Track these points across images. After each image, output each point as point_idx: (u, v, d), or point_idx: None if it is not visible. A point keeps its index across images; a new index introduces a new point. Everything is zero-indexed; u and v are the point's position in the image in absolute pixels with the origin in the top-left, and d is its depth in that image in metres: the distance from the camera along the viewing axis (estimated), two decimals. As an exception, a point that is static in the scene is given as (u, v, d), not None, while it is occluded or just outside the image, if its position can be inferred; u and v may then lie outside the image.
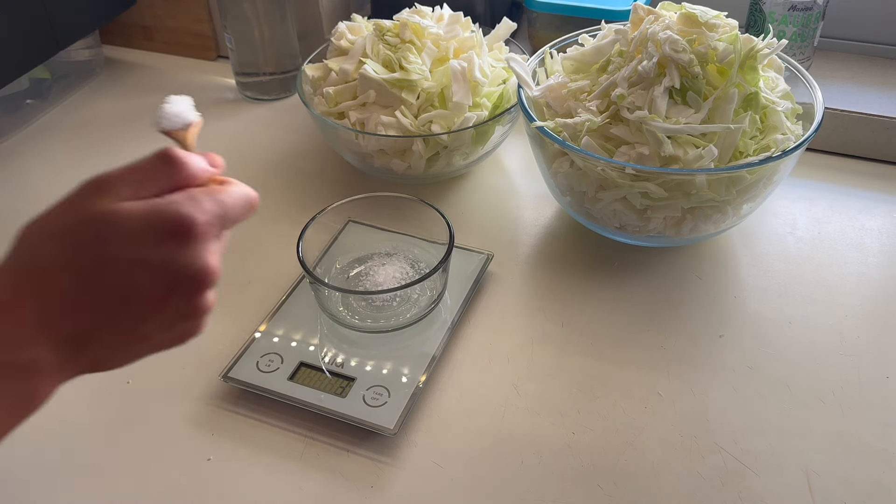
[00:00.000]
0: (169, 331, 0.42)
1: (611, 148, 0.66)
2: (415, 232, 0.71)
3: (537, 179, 0.79)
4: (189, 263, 0.39)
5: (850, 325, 0.66)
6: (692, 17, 0.66)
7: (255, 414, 0.61)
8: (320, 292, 0.66)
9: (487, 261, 0.71)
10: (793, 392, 0.61)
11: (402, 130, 0.75)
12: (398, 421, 0.58)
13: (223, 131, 0.94)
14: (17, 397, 0.39)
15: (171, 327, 0.42)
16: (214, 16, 1.05)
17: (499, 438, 0.59)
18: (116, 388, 0.63)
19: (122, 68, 1.07)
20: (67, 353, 0.39)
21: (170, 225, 0.39)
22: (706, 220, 0.67)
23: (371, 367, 0.62)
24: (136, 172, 0.41)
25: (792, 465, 0.56)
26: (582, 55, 0.72)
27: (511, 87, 0.79)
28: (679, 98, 0.64)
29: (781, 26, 0.84)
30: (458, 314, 0.67)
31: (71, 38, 0.94)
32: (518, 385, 0.62)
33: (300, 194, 0.83)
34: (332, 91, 0.78)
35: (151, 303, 0.40)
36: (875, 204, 0.79)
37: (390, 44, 0.77)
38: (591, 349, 0.65)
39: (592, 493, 0.55)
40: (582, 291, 0.70)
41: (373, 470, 0.57)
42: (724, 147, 0.64)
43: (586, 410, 0.60)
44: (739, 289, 0.70)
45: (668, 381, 0.62)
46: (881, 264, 0.72)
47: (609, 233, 0.73)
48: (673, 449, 0.57)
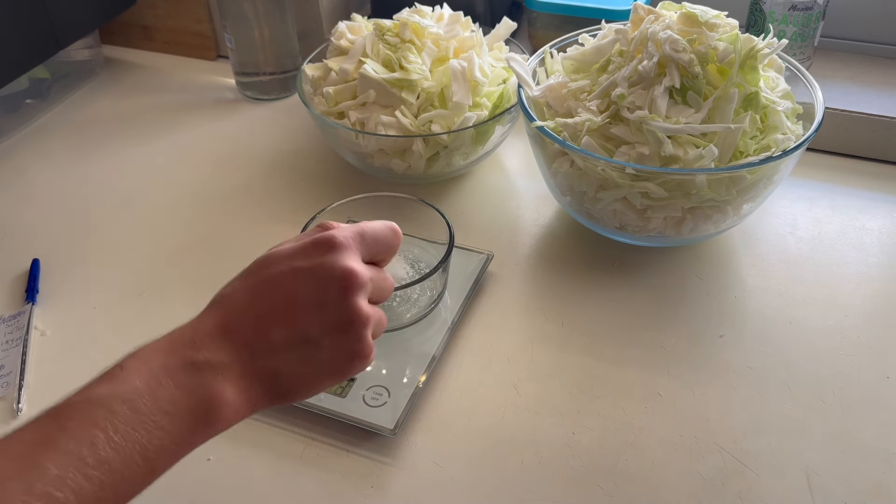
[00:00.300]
0: (335, 337, 0.46)
1: (611, 148, 0.66)
2: (415, 232, 0.71)
3: (537, 179, 0.79)
4: (334, 264, 0.47)
5: (850, 325, 0.66)
6: (692, 17, 0.66)
7: (255, 414, 0.61)
8: (320, 292, 0.66)
9: (487, 261, 0.71)
10: (793, 392, 0.61)
11: (402, 130, 0.75)
12: (398, 421, 0.58)
13: (223, 131, 0.94)
14: (202, 397, 0.43)
15: (336, 333, 0.46)
16: (214, 16, 1.05)
17: (499, 438, 0.59)
18: (116, 387, 0.63)
19: (122, 68, 1.07)
20: (245, 357, 0.45)
21: (316, 240, 0.48)
22: (706, 220, 0.67)
23: (371, 367, 0.62)
24: (297, 236, 0.51)
25: (792, 465, 0.56)
26: (582, 55, 0.72)
27: (511, 87, 0.79)
28: (679, 98, 0.64)
29: (782, 26, 0.84)
30: (458, 314, 0.67)
31: (71, 37, 0.94)
32: (518, 385, 0.62)
33: (300, 194, 0.83)
34: (332, 91, 0.78)
35: (312, 303, 0.46)
36: (875, 204, 0.79)
37: (390, 43, 0.77)
38: (591, 349, 0.65)
39: (592, 493, 0.55)
40: (582, 291, 0.70)
41: (373, 470, 0.57)
42: (725, 147, 0.64)
43: (586, 410, 0.60)
44: (739, 289, 0.70)
45: (668, 381, 0.62)
46: (881, 264, 0.72)
47: (609, 233, 0.73)
48: (673, 449, 0.57)
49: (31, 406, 0.62)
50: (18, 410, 0.62)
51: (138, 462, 0.40)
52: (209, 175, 0.87)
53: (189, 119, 0.96)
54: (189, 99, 1.00)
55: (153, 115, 0.97)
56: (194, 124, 0.95)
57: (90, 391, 0.41)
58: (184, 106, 0.99)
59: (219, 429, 0.44)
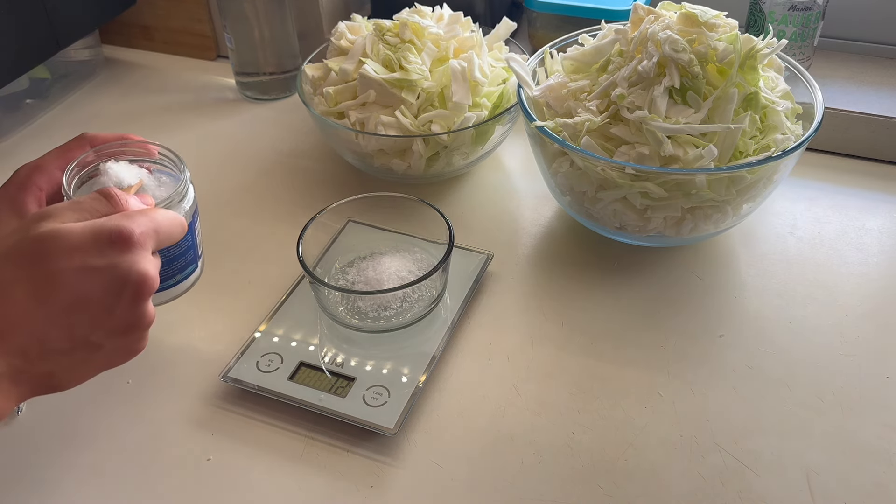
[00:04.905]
0: (118, 339, 0.44)
1: (611, 148, 0.66)
2: (415, 232, 0.71)
3: (537, 179, 0.79)
4: (130, 268, 0.43)
5: (850, 325, 0.66)
6: (692, 17, 0.66)
7: (255, 414, 0.61)
8: (320, 292, 0.66)
9: (487, 261, 0.71)
10: (793, 392, 0.61)
11: (402, 130, 0.75)
12: (398, 421, 0.58)
13: (223, 131, 0.94)
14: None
15: (120, 335, 0.44)
16: (214, 16, 1.05)
17: (499, 438, 0.59)
18: (116, 388, 0.63)
19: (122, 68, 1.07)
20: (20, 364, 0.41)
21: (111, 235, 0.43)
22: (706, 220, 0.67)
23: (371, 367, 0.62)
24: (77, 204, 0.45)
25: (792, 465, 0.56)
26: (582, 55, 0.72)
27: (511, 87, 0.79)
28: (679, 98, 0.64)
29: (781, 26, 0.84)
30: (458, 314, 0.67)
31: (71, 37, 0.94)
32: (518, 385, 0.62)
33: (300, 194, 0.83)
34: (332, 91, 0.78)
35: (100, 308, 0.42)
36: (875, 204, 0.79)
37: (390, 44, 0.77)
38: (591, 349, 0.65)
39: (592, 493, 0.55)
40: (582, 291, 0.70)
41: (373, 470, 0.57)
42: (724, 147, 0.64)
43: (586, 410, 0.60)
44: (739, 289, 0.70)
45: (668, 381, 0.62)
46: (881, 264, 0.72)
47: (609, 233, 0.73)
48: (673, 449, 0.57)
49: (30, 406, 0.62)
50: (18, 410, 0.62)
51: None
52: (209, 175, 0.87)
53: (189, 119, 0.96)
54: (189, 99, 1.00)
55: (153, 115, 0.98)
56: (194, 124, 0.95)
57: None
58: (184, 106, 0.99)
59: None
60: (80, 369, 0.45)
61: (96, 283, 0.42)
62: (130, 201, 0.48)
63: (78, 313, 0.42)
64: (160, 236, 0.47)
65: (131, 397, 0.63)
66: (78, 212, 0.45)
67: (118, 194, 0.47)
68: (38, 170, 0.53)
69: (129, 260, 0.43)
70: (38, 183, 0.52)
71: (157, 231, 0.46)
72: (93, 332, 0.43)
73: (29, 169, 0.53)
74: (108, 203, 0.46)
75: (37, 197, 0.52)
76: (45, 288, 0.42)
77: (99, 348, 0.44)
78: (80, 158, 0.54)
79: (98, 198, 0.46)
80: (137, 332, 0.45)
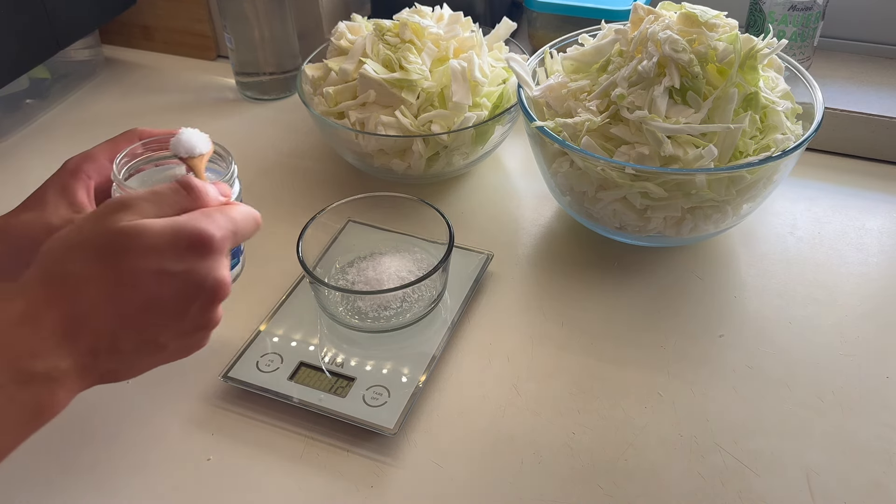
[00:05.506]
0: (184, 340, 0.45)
1: (611, 148, 0.66)
2: (415, 232, 0.71)
3: (537, 179, 0.79)
4: (207, 275, 0.43)
5: (850, 325, 0.66)
6: (692, 17, 0.66)
7: (255, 414, 0.61)
8: (320, 292, 0.66)
9: (487, 261, 0.71)
10: (793, 392, 0.61)
11: (402, 130, 0.75)
12: (398, 421, 0.58)
13: (223, 131, 0.94)
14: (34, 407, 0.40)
15: (186, 337, 0.45)
16: (214, 16, 1.05)
17: (499, 438, 0.59)
18: (116, 387, 0.63)
19: (122, 68, 1.07)
20: (87, 362, 0.41)
21: (190, 238, 0.42)
22: (706, 220, 0.67)
23: (371, 367, 0.62)
24: (157, 195, 0.44)
25: (792, 465, 0.56)
26: (582, 55, 0.72)
27: (511, 87, 0.79)
28: (679, 98, 0.64)
29: (781, 26, 0.84)
30: (458, 314, 0.67)
31: (71, 37, 0.94)
32: (518, 385, 0.62)
33: (300, 194, 0.83)
34: (332, 91, 0.78)
35: (172, 312, 0.42)
36: (875, 204, 0.79)
37: (390, 44, 0.77)
38: (591, 349, 0.65)
39: (592, 493, 0.55)
40: (582, 291, 0.70)
41: (373, 470, 0.57)
42: (724, 147, 0.64)
43: (586, 410, 0.60)
44: (739, 289, 0.70)
45: (668, 381, 0.62)
46: (881, 264, 0.72)
47: (609, 233, 0.73)
48: (673, 449, 0.57)
49: (31, 406, 0.62)
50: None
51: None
52: (209, 175, 0.87)
53: (189, 119, 0.96)
54: (189, 99, 1.00)
55: (153, 115, 0.97)
56: (194, 124, 0.93)
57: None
58: (184, 106, 0.99)
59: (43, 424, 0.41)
60: (141, 365, 0.45)
61: (172, 287, 0.42)
62: (210, 192, 0.46)
63: (151, 315, 0.42)
64: (237, 237, 0.46)
65: (131, 397, 0.63)
66: (157, 204, 0.43)
67: (198, 186, 0.46)
68: (89, 159, 0.54)
69: (207, 266, 0.43)
70: (88, 172, 0.54)
71: (235, 232, 0.45)
72: (162, 334, 0.43)
73: (79, 158, 0.55)
74: (189, 196, 0.45)
75: (86, 185, 0.53)
76: (121, 287, 0.41)
77: (165, 348, 0.44)
78: (129, 149, 0.55)
79: (178, 189, 0.45)
80: (204, 333, 0.46)
